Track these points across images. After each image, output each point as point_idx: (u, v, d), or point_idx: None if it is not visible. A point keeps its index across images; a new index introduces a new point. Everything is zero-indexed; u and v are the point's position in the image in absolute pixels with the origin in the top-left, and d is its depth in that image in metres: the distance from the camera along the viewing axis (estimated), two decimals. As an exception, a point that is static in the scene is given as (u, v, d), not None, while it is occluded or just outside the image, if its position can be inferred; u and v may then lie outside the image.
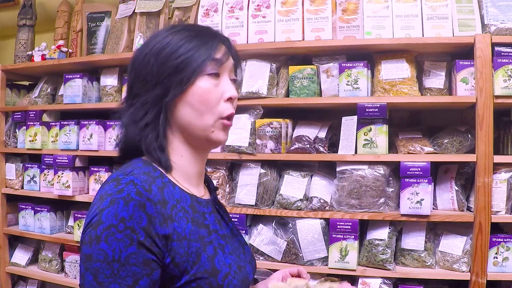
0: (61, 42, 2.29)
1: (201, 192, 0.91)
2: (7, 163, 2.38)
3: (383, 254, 1.65)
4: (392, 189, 1.71)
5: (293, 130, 1.87)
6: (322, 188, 1.77)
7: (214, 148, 0.91)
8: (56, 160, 2.16)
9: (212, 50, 0.83)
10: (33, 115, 2.25)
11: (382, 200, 1.67)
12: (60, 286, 2.20)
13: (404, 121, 1.97)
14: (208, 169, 1.89)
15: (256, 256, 1.80)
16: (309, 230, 1.73)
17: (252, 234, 1.83)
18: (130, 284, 0.69)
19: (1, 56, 2.88)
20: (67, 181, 2.13)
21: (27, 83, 2.63)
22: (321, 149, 1.75)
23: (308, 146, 1.75)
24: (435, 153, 1.68)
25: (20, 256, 2.36)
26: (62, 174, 2.15)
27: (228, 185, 1.88)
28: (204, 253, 0.79)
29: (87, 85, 2.18)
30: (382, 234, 1.67)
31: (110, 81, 2.16)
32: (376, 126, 1.67)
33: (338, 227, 1.68)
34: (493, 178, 1.57)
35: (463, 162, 1.67)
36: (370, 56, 1.80)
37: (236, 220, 1.79)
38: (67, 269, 2.18)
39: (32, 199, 2.33)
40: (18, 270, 2.33)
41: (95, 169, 2.17)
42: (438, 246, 1.67)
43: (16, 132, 2.38)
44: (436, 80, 1.73)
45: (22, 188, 2.35)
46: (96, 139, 2.10)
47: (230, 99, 0.86)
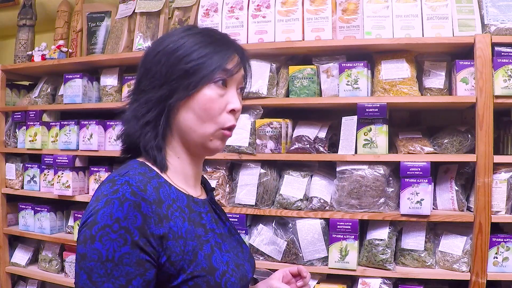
0: (61, 42, 2.29)
1: (197, 193, 0.91)
2: (7, 163, 2.38)
3: (383, 254, 1.65)
4: (392, 189, 1.71)
5: (293, 130, 1.87)
6: (322, 188, 1.77)
7: (209, 156, 0.91)
8: (56, 160, 2.16)
9: (225, 59, 0.83)
10: (33, 115, 2.25)
11: (382, 200, 1.67)
12: (60, 286, 2.20)
13: (404, 121, 1.97)
14: (208, 169, 1.89)
15: (256, 256, 1.80)
16: (309, 230, 1.73)
17: (252, 234, 1.83)
18: (123, 283, 0.70)
19: (1, 56, 2.88)
20: (67, 181, 2.13)
21: (27, 83, 2.63)
22: (321, 149, 1.75)
23: (308, 146, 1.75)
24: (435, 153, 1.68)
25: (20, 256, 2.36)
26: (62, 174, 2.15)
27: (228, 185, 1.88)
28: (201, 251, 0.79)
29: (87, 85, 2.18)
30: (382, 234, 1.67)
31: (110, 81, 2.16)
32: (376, 126, 1.67)
33: (338, 227, 1.68)
34: (493, 178, 1.57)
35: (463, 162, 1.67)
36: (370, 56, 1.80)
37: (236, 220, 1.79)
38: (67, 269, 2.18)
39: (32, 199, 2.33)
40: (18, 270, 2.33)
41: (95, 169, 2.17)
42: (438, 246, 1.67)
43: (16, 132, 2.38)
44: (436, 80, 1.73)
45: (22, 188, 2.35)
46: (96, 139, 2.10)
47: (233, 111, 0.85)
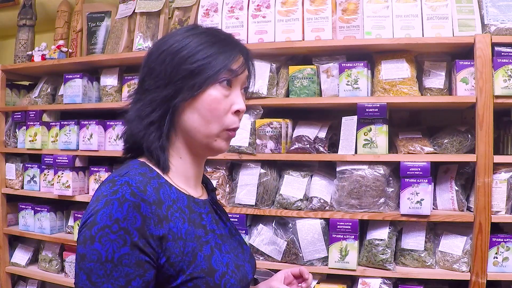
0: (61, 42, 2.29)
1: (198, 193, 0.91)
2: (7, 163, 2.38)
3: (383, 254, 1.65)
4: (392, 189, 1.71)
5: (293, 130, 1.87)
6: (322, 188, 1.77)
7: (213, 156, 0.91)
8: (56, 160, 2.16)
9: (230, 60, 0.83)
10: (33, 115, 2.25)
11: (382, 200, 1.67)
12: (60, 286, 2.20)
13: (404, 121, 1.97)
14: (208, 169, 1.89)
15: (256, 256, 1.80)
16: (309, 230, 1.73)
17: (252, 234, 1.83)
18: (123, 284, 0.70)
19: (1, 56, 2.88)
20: (67, 181, 2.13)
21: (27, 83, 2.63)
22: (321, 149, 1.75)
23: (308, 146, 1.75)
24: (435, 153, 1.68)
25: (20, 256, 2.36)
26: (62, 174, 2.15)
27: (228, 185, 1.88)
28: (200, 252, 0.79)
29: (87, 85, 2.18)
30: (382, 234, 1.67)
31: (110, 81, 2.16)
32: (376, 126, 1.67)
33: (338, 227, 1.68)
34: (493, 178, 1.57)
35: (463, 162, 1.67)
36: (370, 56, 1.80)
37: (236, 220, 1.79)
38: (67, 269, 2.18)
39: (32, 199, 2.33)
40: (18, 270, 2.33)
41: (95, 169, 2.17)
42: (438, 246, 1.68)
43: (16, 132, 2.38)
44: (436, 80, 1.73)
45: (22, 188, 2.35)
46: (96, 139, 2.10)
47: (237, 111, 0.86)
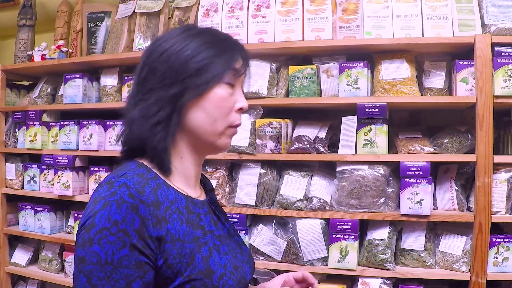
0: (61, 42, 2.29)
1: (197, 193, 0.91)
2: (7, 163, 2.38)
3: (383, 254, 1.65)
4: (392, 189, 1.71)
5: (293, 130, 1.87)
6: (322, 188, 1.77)
7: (216, 154, 0.92)
8: (56, 160, 2.16)
9: (234, 59, 0.86)
10: (33, 115, 2.25)
11: (382, 200, 1.67)
12: (60, 286, 2.20)
13: (404, 121, 1.97)
14: (208, 169, 1.89)
15: (256, 256, 1.80)
16: (309, 230, 1.73)
17: (252, 234, 1.83)
18: (123, 286, 0.70)
19: (1, 56, 2.88)
20: (67, 181, 2.13)
21: (27, 83, 2.63)
22: (321, 149, 1.75)
23: (308, 146, 1.75)
24: (435, 153, 1.68)
25: (20, 256, 2.36)
26: (62, 174, 2.15)
27: (228, 185, 1.88)
28: (198, 254, 0.79)
29: (87, 85, 2.18)
30: (382, 234, 1.67)
31: (110, 81, 2.16)
32: (376, 126, 1.67)
33: (338, 227, 1.68)
34: (493, 178, 1.57)
35: (463, 162, 1.67)
36: (370, 56, 1.80)
37: (236, 220, 1.79)
38: (67, 269, 2.18)
39: (32, 199, 2.33)
40: (18, 270, 2.33)
41: (95, 169, 2.17)
42: (438, 246, 1.68)
43: (16, 132, 2.38)
44: (436, 80, 1.73)
45: (22, 188, 2.35)
46: (96, 139, 2.10)
47: (240, 109, 0.88)
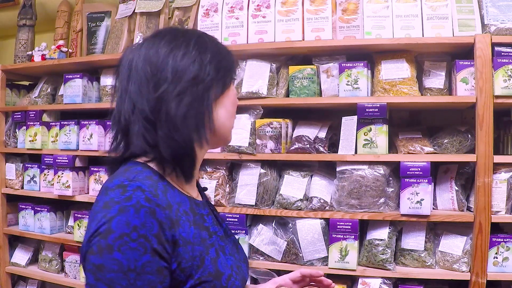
0: (61, 42, 2.29)
1: (195, 193, 0.90)
2: (7, 163, 2.38)
3: (383, 254, 1.65)
4: (392, 189, 1.71)
5: (293, 130, 1.87)
6: (322, 188, 1.77)
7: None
8: (56, 160, 2.16)
9: (234, 61, 0.91)
10: (33, 115, 2.25)
11: (382, 200, 1.67)
12: (60, 286, 2.20)
13: (404, 121, 1.97)
14: (208, 169, 1.89)
15: (256, 256, 1.80)
16: (309, 230, 1.73)
17: (252, 234, 1.83)
18: None
19: (1, 56, 2.88)
20: (67, 181, 2.13)
21: (27, 83, 2.63)
22: (321, 149, 1.75)
23: (308, 146, 1.75)
24: (435, 153, 1.68)
25: (20, 256, 2.36)
26: (62, 174, 2.15)
27: (228, 185, 1.88)
28: (207, 256, 0.78)
29: (87, 85, 2.18)
30: (382, 234, 1.67)
31: (110, 81, 2.16)
32: (376, 126, 1.67)
33: (338, 227, 1.68)
34: (493, 178, 1.57)
35: (463, 162, 1.67)
36: (370, 56, 1.80)
37: (236, 220, 1.79)
38: (67, 269, 2.18)
39: (32, 199, 2.33)
40: (18, 270, 2.33)
41: (95, 169, 2.17)
42: (438, 246, 1.68)
43: (16, 132, 2.38)
44: (436, 80, 1.73)
45: (22, 188, 2.35)
46: (96, 139, 2.10)
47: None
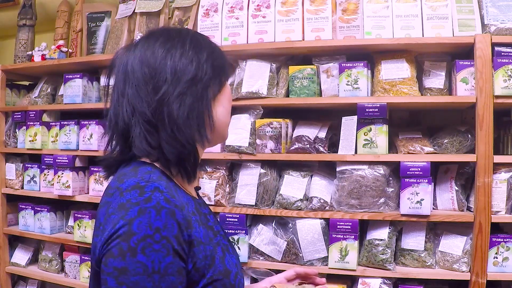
0: (61, 42, 2.29)
1: (194, 193, 0.91)
2: (7, 163, 2.38)
3: (383, 254, 1.65)
4: (392, 189, 1.71)
5: (293, 130, 1.87)
6: (322, 188, 1.77)
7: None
8: (56, 160, 2.16)
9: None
10: (33, 115, 2.25)
11: (382, 200, 1.67)
12: (60, 286, 2.20)
13: (404, 121, 1.97)
14: (208, 169, 1.89)
15: (256, 256, 1.80)
16: (309, 230, 1.73)
17: (252, 234, 1.83)
18: None
19: (1, 56, 2.88)
20: (67, 181, 2.13)
21: (27, 83, 2.63)
22: (321, 149, 1.75)
23: (308, 146, 1.75)
24: (435, 153, 1.68)
25: (20, 256, 2.36)
26: (62, 174, 2.15)
27: (228, 185, 1.88)
28: (216, 255, 0.79)
29: (87, 85, 2.18)
30: (382, 234, 1.67)
31: (110, 81, 2.16)
32: (376, 126, 1.67)
33: (338, 227, 1.68)
34: (493, 178, 1.57)
35: (463, 162, 1.67)
36: (370, 56, 1.80)
37: (236, 220, 1.79)
38: (67, 269, 2.18)
39: (32, 199, 2.33)
40: (18, 270, 2.33)
41: (95, 169, 2.16)
42: (438, 246, 1.67)
43: (16, 132, 2.38)
44: (436, 80, 1.73)
45: (22, 188, 2.35)
46: (96, 139, 2.10)
47: None
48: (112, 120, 0.83)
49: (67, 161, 2.13)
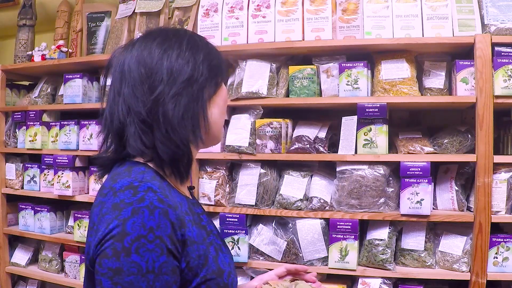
0: (61, 42, 2.29)
1: (187, 193, 0.91)
2: (7, 163, 2.38)
3: (383, 254, 1.65)
4: (392, 189, 1.71)
5: (293, 130, 1.87)
6: (322, 188, 1.77)
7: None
8: (56, 160, 2.16)
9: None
10: (33, 115, 2.25)
11: (382, 200, 1.67)
12: (60, 286, 2.20)
13: (404, 121, 1.97)
14: (208, 169, 1.89)
15: (256, 256, 1.80)
16: (309, 230, 1.73)
17: (252, 234, 1.83)
18: None
19: (1, 56, 2.88)
20: (67, 181, 2.13)
21: (27, 83, 2.63)
22: (321, 149, 1.75)
23: (308, 146, 1.75)
24: (435, 153, 1.68)
25: (20, 256, 2.36)
26: (62, 174, 2.15)
27: (228, 185, 1.88)
28: (209, 254, 0.79)
29: (87, 85, 2.18)
30: (382, 234, 1.67)
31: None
32: (376, 126, 1.67)
33: (338, 227, 1.68)
34: (493, 178, 1.57)
35: (463, 162, 1.67)
36: (370, 56, 1.80)
37: (236, 220, 1.79)
38: (67, 269, 2.18)
39: (32, 199, 2.33)
40: (18, 270, 2.33)
41: (95, 169, 2.16)
42: (438, 246, 1.67)
43: (16, 132, 2.38)
44: (436, 80, 1.73)
45: (22, 188, 2.35)
46: (96, 139, 2.10)
47: None
48: (107, 118, 0.83)
49: (67, 161, 2.13)
